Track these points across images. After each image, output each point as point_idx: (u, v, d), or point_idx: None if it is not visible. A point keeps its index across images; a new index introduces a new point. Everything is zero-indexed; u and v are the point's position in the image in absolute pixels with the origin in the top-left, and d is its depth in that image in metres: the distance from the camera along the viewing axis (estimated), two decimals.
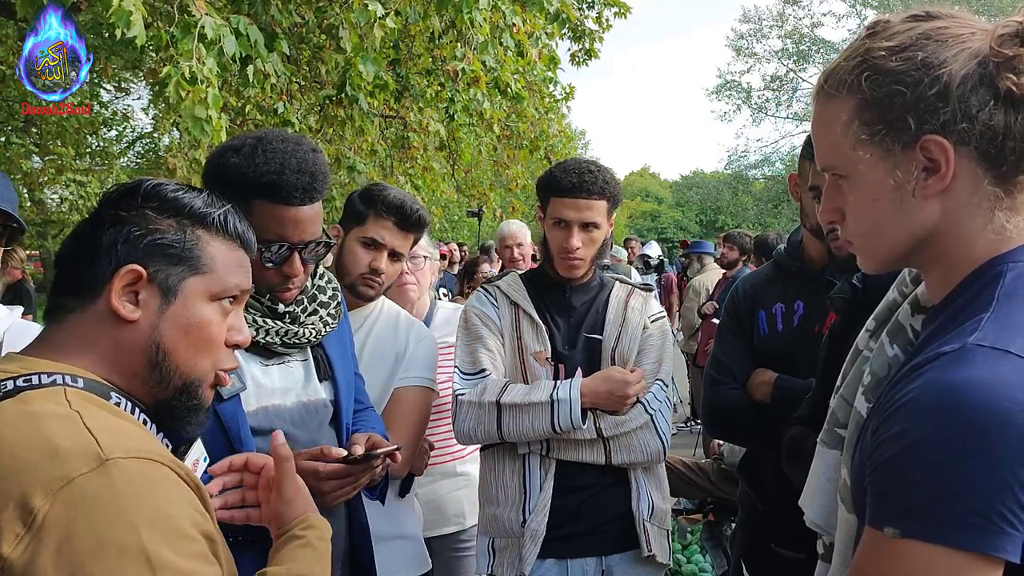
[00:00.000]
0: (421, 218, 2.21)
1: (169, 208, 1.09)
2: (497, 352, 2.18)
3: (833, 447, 1.16)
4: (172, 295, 1.06)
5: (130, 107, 13.91)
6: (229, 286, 1.12)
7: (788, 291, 2.10)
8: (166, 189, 1.10)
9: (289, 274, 1.59)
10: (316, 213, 1.60)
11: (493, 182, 10.43)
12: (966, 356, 0.84)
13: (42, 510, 0.84)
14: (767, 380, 2.01)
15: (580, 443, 2.10)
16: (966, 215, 0.95)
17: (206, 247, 1.10)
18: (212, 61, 3.25)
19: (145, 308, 1.04)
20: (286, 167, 1.53)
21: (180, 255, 1.07)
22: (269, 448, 1.56)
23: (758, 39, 29.50)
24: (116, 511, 0.86)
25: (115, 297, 1.02)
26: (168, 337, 1.05)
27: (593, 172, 2.15)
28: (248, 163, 1.53)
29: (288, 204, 1.54)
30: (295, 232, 1.56)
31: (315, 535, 1.24)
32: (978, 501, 0.78)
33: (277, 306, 1.64)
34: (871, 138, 0.96)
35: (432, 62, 5.79)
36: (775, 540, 2.01)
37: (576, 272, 2.19)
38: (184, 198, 1.10)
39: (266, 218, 1.54)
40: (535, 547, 2.09)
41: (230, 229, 1.14)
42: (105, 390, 1.02)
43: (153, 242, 1.05)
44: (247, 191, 1.52)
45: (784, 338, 2.06)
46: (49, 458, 0.87)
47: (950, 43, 0.94)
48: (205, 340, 1.09)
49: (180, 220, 1.09)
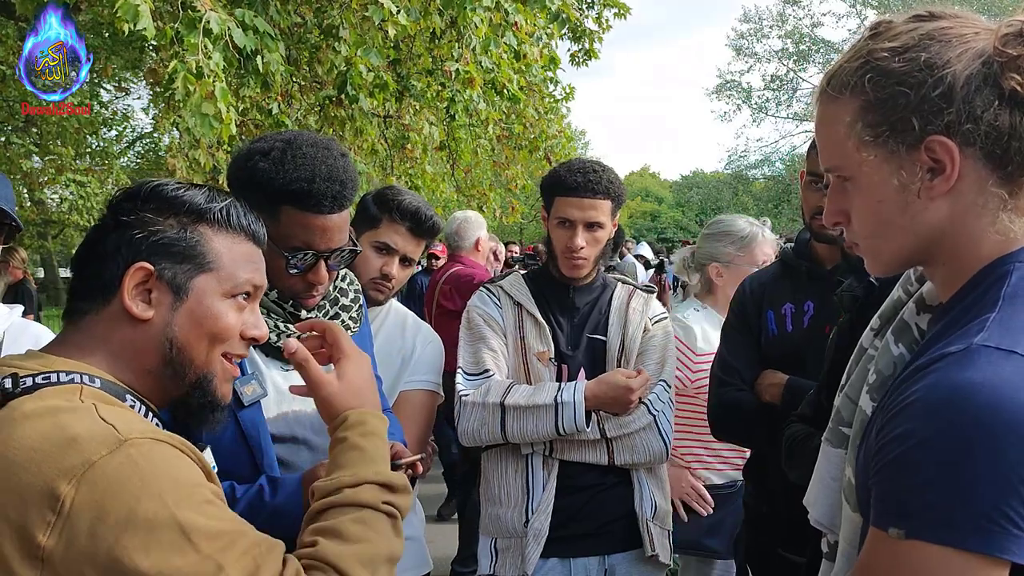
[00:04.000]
0: (435, 225, 2.20)
1: (170, 207, 1.09)
2: (500, 352, 2.17)
3: (837, 446, 1.15)
4: (184, 293, 1.07)
5: (130, 107, 13.93)
6: (240, 281, 1.12)
7: (798, 291, 2.09)
8: (166, 189, 1.11)
9: (314, 282, 1.56)
10: (344, 221, 1.57)
11: (493, 182, 10.43)
12: (972, 357, 0.83)
13: (68, 496, 0.86)
14: (777, 382, 1.99)
15: (583, 443, 2.10)
16: (971, 216, 0.94)
17: (209, 243, 1.10)
18: (218, 55, 3.24)
19: (158, 306, 1.06)
20: (316, 175, 1.48)
21: (184, 253, 1.08)
22: (289, 455, 1.54)
23: (758, 39, 29.55)
24: (142, 485, 0.88)
25: (127, 297, 1.05)
26: (181, 332, 1.07)
27: (598, 172, 2.14)
28: (277, 169, 1.48)
29: (317, 212, 1.50)
30: (322, 240, 1.53)
31: (357, 433, 1.17)
32: (983, 502, 0.78)
33: (300, 312, 1.61)
34: (875, 139, 0.95)
35: (432, 62, 5.78)
36: (781, 543, 2.00)
37: (580, 272, 2.19)
38: (184, 196, 1.10)
39: (293, 225, 1.50)
40: (538, 547, 2.09)
41: (234, 223, 1.13)
42: (121, 392, 1.04)
43: (157, 242, 1.06)
44: (275, 197, 1.49)
45: (793, 339, 2.05)
46: (68, 447, 0.89)
47: (954, 43, 0.93)
48: (219, 333, 1.10)
49: (181, 218, 1.09)
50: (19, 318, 2.02)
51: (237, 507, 1.43)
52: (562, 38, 6.82)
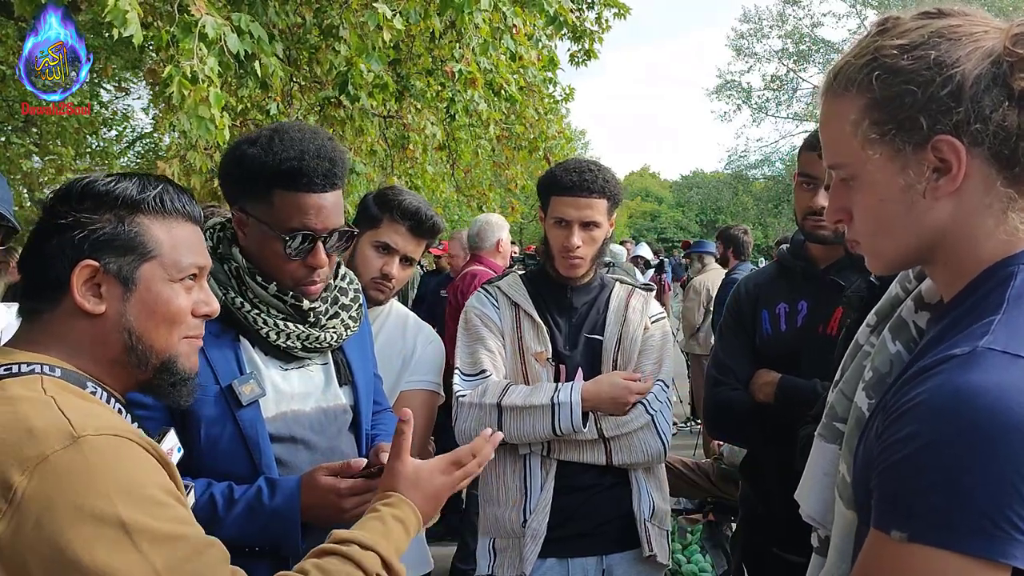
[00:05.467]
0: (435, 225, 2.21)
1: (105, 203, 1.11)
2: (498, 353, 2.17)
3: (831, 441, 1.15)
4: (132, 283, 1.10)
5: (130, 107, 13.90)
6: (184, 265, 1.15)
7: (792, 291, 2.09)
8: (97, 185, 1.12)
9: (314, 265, 1.57)
10: (337, 200, 1.58)
11: (492, 182, 10.42)
12: (977, 360, 0.83)
13: (21, 486, 0.89)
14: (770, 380, 2.00)
15: (581, 444, 2.10)
16: (978, 216, 0.94)
17: (149, 231, 1.12)
18: (213, 60, 3.25)
19: (109, 299, 1.09)
20: (305, 153, 1.51)
21: (126, 245, 1.10)
22: (288, 455, 1.54)
23: (758, 39, 29.53)
24: (90, 482, 0.91)
25: (78, 294, 1.07)
26: (137, 321, 1.10)
27: (593, 171, 2.15)
28: (266, 152, 1.51)
29: (309, 191, 1.52)
30: (318, 220, 1.54)
31: (390, 512, 1.24)
32: (987, 506, 0.78)
33: (301, 303, 1.60)
34: (881, 138, 0.94)
35: (432, 62, 5.78)
36: (777, 542, 2.00)
37: (577, 271, 2.19)
38: (116, 189, 1.12)
39: (287, 207, 1.52)
40: (536, 547, 2.09)
41: (168, 207, 1.15)
42: (81, 379, 1.07)
43: (97, 239, 1.09)
44: (267, 181, 1.51)
45: (787, 338, 2.05)
46: (25, 438, 0.92)
47: (963, 42, 0.92)
48: (172, 316, 1.13)
49: (117, 212, 1.11)
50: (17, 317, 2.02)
51: (236, 508, 1.44)
52: (562, 39, 6.82)
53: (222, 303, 1.53)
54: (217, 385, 1.49)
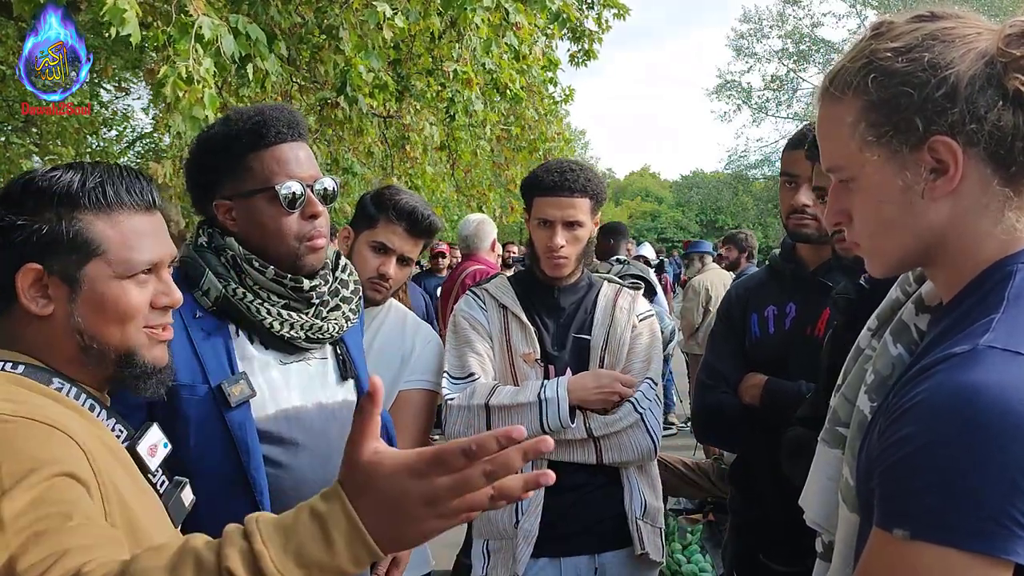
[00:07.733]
0: (432, 224, 2.21)
1: (45, 201, 1.07)
2: (486, 355, 2.17)
3: (834, 446, 1.15)
4: (77, 284, 1.08)
5: (130, 107, 13.89)
6: (134, 263, 1.10)
7: (781, 293, 2.09)
8: (35, 183, 1.08)
9: (313, 213, 1.58)
10: (310, 155, 1.62)
11: (492, 182, 10.42)
12: (977, 358, 0.83)
13: None
14: (757, 383, 2.00)
15: (571, 443, 2.10)
16: (975, 216, 0.94)
17: (91, 229, 1.08)
18: (209, 61, 3.25)
19: (56, 301, 1.07)
20: (264, 109, 1.57)
21: (68, 245, 1.07)
22: (286, 458, 1.53)
23: (758, 39, 29.57)
24: None
25: (24, 298, 1.06)
26: (87, 321, 1.08)
27: (575, 171, 2.15)
28: (228, 125, 1.57)
29: (281, 142, 1.56)
30: (299, 168, 1.57)
31: (309, 505, 0.89)
32: (989, 504, 0.78)
33: (301, 283, 1.59)
34: (878, 140, 0.95)
35: (432, 62, 5.78)
36: (764, 549, 2.00)
37: (562, 271, 2.19)
38: (56, 186, 1.08)
39: (267, 165, 1.55)
40: (528, 547, 2.09)
41: (112, 200, 1.09)
42: (47, 376, 1.06)
43: (38, 241, 1.06)
44: (239, 149, 1.54)
45: (775, 341, 2.05)
46: None
47: (957, 43, 0.93)
48: (122, 314, 1.10)
49: (58, 210, 1.07)
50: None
51: None
52: (562, 39, 6.82)
53: (222, 296, 1.53)
54: (206, 385, 1.48)
